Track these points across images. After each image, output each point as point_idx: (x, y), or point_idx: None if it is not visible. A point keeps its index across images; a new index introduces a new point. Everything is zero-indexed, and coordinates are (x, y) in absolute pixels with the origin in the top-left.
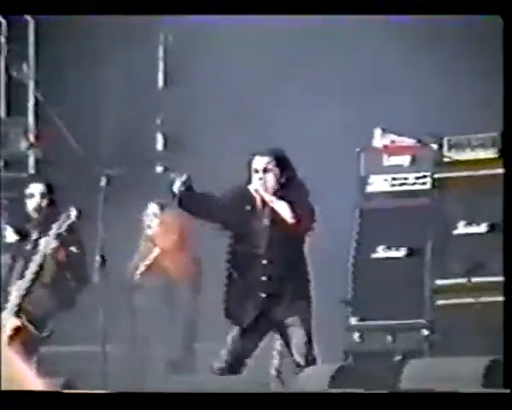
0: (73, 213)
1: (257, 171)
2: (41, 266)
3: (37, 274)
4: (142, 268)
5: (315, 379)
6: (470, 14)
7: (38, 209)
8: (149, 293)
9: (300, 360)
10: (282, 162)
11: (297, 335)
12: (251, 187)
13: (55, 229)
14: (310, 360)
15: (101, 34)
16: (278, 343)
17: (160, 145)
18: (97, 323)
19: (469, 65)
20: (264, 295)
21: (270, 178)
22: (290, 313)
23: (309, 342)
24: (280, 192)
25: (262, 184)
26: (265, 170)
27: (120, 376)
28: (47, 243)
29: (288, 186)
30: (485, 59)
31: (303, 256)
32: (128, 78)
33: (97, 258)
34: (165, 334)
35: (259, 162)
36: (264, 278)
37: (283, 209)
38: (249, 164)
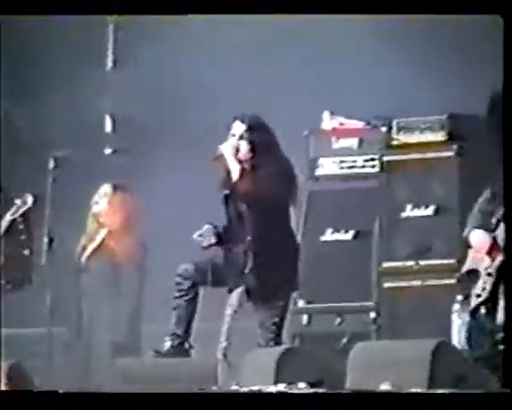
0: (30, 199)
1: (233, 135)
2: None
3: None
4: (89, 250)
5: (261, 361)
6: (470, 14)
7: None
8: (95, 275)
9: (262, 340)
10: (258, 130)
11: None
12: (221, 147)
13: (8, 216)
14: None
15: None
16: (226, 326)
17: (108, 127)
18: (45, 305)
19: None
20: (246, 271)
21: (244, 145)
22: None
23: (278, 323)
24: (252, 161)
25: (232, 148)
26: (241, 137)
27: (66, 358)
28: None
29: (262, 156)
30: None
31: (289, 232)
32: (77, 58)
33: (45, 240)
34: (111, 316)
35: (237, 128)
36: (248, 253)
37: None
38: (229, 128)
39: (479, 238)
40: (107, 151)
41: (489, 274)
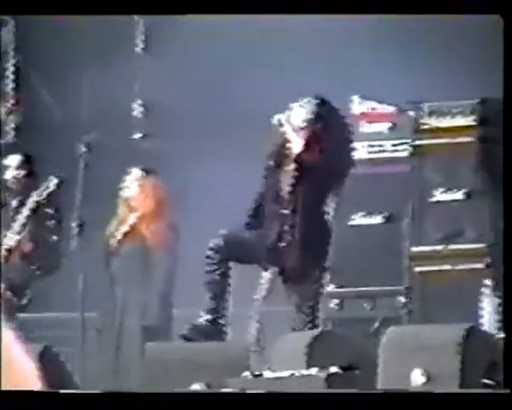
0: (53, 182)
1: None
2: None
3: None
4: (119, 235)
5: (293, 345)
6: (470, 13)
7: (17, 179)
8: (126, 259)
9: (298, 323)
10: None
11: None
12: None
13: (33, 197)
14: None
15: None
16: (257, 309)
17: (138, 112)
18: (76, 290)
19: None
20: (284, 244)
21: (300, 112)
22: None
23: (312, 308)
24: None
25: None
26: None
27: (98, 343)
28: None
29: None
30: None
31: (324, 214)
32: (107, 41)
33: (76, 225)
34: (142, 301)
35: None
36: (285, 228)
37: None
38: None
39: None
40: (137, 136)
41: None
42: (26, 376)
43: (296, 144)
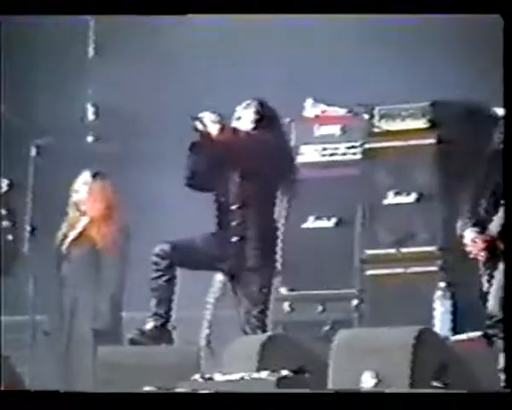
0: (4, 183)
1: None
2: None
3: None
4: (70, 238)
5: (244, 349)
6: (470, 13)
7: None
8: (76, 263)
9: (247, 327)
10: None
11: (254, 302)
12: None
13: None
14: (262, 329)
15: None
16: (208, 312)
17: (90, 115)
18: (27, 293)
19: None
20: (234, 239)
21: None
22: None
23: (262, 312)
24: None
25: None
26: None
27: (49, 346)
28: None
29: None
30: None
31: (271, 217)
32: (59, 46)
33: (27, 228)
34: (92, 304)
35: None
36: (233, 223)
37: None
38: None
39: (471, 239)
40: (89, 139)
41: (488, 268)
42: None
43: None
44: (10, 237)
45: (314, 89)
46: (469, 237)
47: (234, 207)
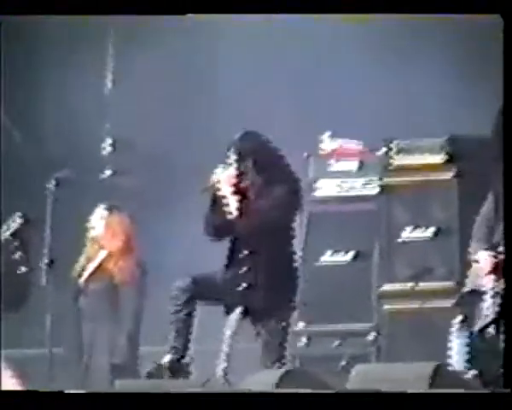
0: (18, 218)
1: (231, 163)
2: None
3: None
4: (88, 272)
5: (261, 383)
6: (470, 13)
7: None
8: (94, 297)
9: (267, 360)
10: (257, 151)
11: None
12: (216, 176)
13: None
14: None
15: (48, 34)
16: (226, 345)
17: (108, 148)
18: (45, 326)
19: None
20: (242, 286)
21: (231, 170)
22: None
23: (281, 345)
24: (255, 187)
25: (230, 177)
26: (240, 163)
27: (66, 379)
28: None
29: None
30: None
31: (289, 251)
32: (77, 79)
33: (45, 261)
34: (109, 338)
35: (234, 155)
36: (244, 269)
37: (232, 204)
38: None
39: (484, 259)
40: (107, 172)
41: (496, 294)
42: None
43: (232, 207)
44: (24, 269)
45: (331, 123)
46: (482, 256)
47: (245, 253)
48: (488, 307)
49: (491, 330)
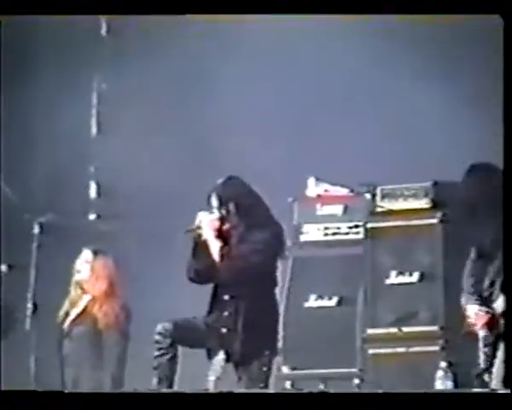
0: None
1: (213, 208)
2: None
3: None
4: (71, 316)
5: None
6: (470, 13)
7: None
8: (78, 341)
9: None
10: (240, 197)
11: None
12: (199, 219)
13: None
14: None
15: (34, 78)
16: (210, 390)
17: (93, 193)
18: (29, 369)
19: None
20: (223, 330)
21: (213, 215)
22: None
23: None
24: (237, 231)
25: (212, 221)
26: (222, 209)
27: None
28: None
29: (247, 223)
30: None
31: (271, 296)
32: (61, 124)
33: (29, 305)
34: (93, 382)
35: (215, 200)
36: (225, 314)
37: (214, 248)
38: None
39: (475, 313)
40: (91, 217)
41: (487, 345)
42: None
43: (214, 251)
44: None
45: (316, 168)
46: (473, 310)
47: (226, 298)
48: (480, 356)
49: (486, 378)
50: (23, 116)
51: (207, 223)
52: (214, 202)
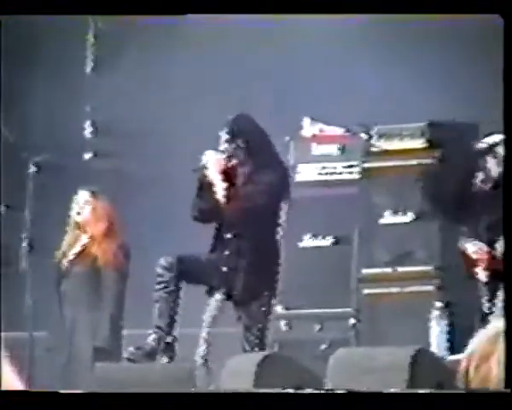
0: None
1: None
2: None
3: None
4: (70, 255)
5: (240, 367)
6: (470, 13)
7: None
8: (76, 280)
9: (247, 344)
10: (248, 135)
11: (253, 320)
12: (205, 158)
13: None
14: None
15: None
16: (205, 331)
17: (88, 132)
18: (26, 309)
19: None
20: (225, 269)
21: (221, 154)
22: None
23: (261, 330)
24: (243, 170)
25: (219, 161)
26: (230, 146)
27: (47, 363)
28: None
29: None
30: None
31: (273, 237)
32: (56, 61)
33: (25, 245)
34: (92, 321)
35: (225, 136)
36: (227, 252)
37: (219, 189)
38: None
39: (474, 250)
40: (87, 156)
41: (487, 283)
42: None
43: (219, 193)
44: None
45: (312, 107)
46: (472, 248)
47: (229, 236)
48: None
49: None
50: (20, 54)
51: (214, 163)
52: (224, 136)
